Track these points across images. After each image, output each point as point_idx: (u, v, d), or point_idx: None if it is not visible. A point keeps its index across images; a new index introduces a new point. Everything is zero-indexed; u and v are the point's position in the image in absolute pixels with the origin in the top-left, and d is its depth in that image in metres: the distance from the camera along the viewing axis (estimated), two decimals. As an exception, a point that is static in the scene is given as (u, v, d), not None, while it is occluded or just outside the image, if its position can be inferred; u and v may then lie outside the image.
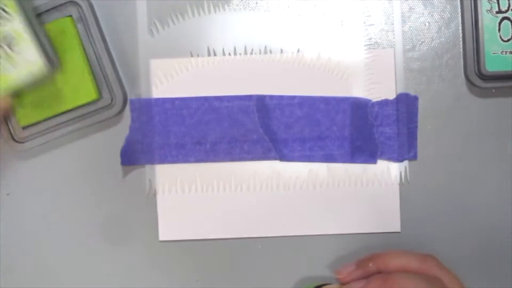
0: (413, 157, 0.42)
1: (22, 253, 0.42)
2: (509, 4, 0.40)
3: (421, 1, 0.42)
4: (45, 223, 0.42)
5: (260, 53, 0.42)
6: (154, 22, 0.42)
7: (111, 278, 0.42)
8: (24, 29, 0.37)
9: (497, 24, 0.40)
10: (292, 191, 0.42)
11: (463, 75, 0.42)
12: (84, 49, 0.40)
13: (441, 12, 0.42)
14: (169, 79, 0.42)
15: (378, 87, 0.42)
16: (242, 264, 0.42)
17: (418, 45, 0.42)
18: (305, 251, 0.42)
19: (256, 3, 0.42)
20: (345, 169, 0.42)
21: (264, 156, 0.42)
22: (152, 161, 0.42)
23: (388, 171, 0.42)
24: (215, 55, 0.42)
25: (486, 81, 0.41)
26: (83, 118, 0.41)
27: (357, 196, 0.42)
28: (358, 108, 0.41)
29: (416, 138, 0.42)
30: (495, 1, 0.40)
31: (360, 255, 0.42)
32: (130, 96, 0.42)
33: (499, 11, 0.40)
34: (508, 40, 0.40)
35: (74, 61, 0.40)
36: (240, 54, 0.42)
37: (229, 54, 0.42)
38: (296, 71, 0.42)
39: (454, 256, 0.42)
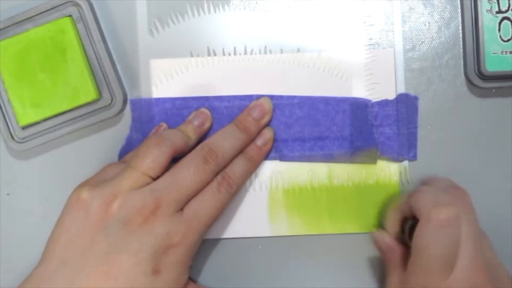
0: (413, 157, 0.42)
1: (22, 253, 0.42)
2: (509, 4, 0.40)
3: (421, 1, 0.42)
4: (45, 223, 0.42)
5: (260, 53, 0.42)
6: (154, 22, 0.42)
7: None
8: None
9: (497, 24, 0.40)
10: (292, 191, 0.42)
11: (463, 75, 0.42)
12: (84, 49, 0.40)
13: (441, 12, 0.42)
14: (169, 79, 0.42)
15: (378, 87, 0.42)
16: (242, 264, 0.42)
17: (418, 45, 0.42)
18: (305, 251, 0.42)
19: (256, 3, 0.42)
20: (345, 169, 0.42)
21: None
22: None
23: (388, 171, 0.42)
24: (215, 55, 0.42)
25: (486, 81, 0.41)
26: (83, 118, 0.41)
27: (357, 196, 0.42)
28: (358, 108, 0.41)
29: (416, 138, 0.42)
30: (495, 1, 0.40)
31: (361, 255, 0.42)
32: (130, 96, 0.42)
33: (499, 11, 0.40)
34: (508, 40, 0.40)
35: (74, 61, 0.40)
36: (240, 54, 0.42)
37: (229, 54, 0.42)
38: (296, 71, 0.42)
39: (454, 256, 0.42)
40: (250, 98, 0.41)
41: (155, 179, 0.36)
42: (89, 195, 0.35)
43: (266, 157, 0.42)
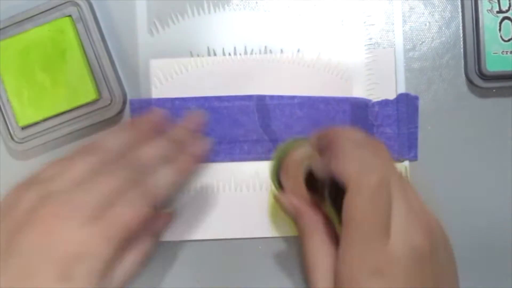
0: (414, 158, 0.42)
1: (21, 253, 0.42)
2: (509, 4, 0.40)
3: (422, 1, 0.42)
4: (45, 223, 0.42)
5: (260, 53, 0.42)
6: (154, 22, 0.42)
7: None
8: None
9: (498, 24, 0.40)
10: (292, 191, 0.42)
11: (463, 75, 0.42)
12: (83, 49, 0.40)
13: (442, 12, 0.42)
14: (169, 79, 0.42)
15: (378, 87, 0.42)
16: (242, 264, 0.42)
17: (418, 45, 0.42)
18: (305, 252, 0.42)
19: (256, 3, 0.42)
20: (345, 169, 0.42)
21: (264, 156, 0.42)
22: (152, 161, 0.41)
23: (389, 171, 0.42)
24: (215, 55, 0.42)
25: (486, 81, 0.41)
26: (82, 118, 0.41)
27: (357, 196, 0.42)
28: (358, 108, 0.41)
29: (416, 139, 0.42)
30: (496, 1, 0.40)
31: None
32: (130, 96, 0.42)
33: (500, 11, 0.40)
34: (509, 40, 0.40)
35: (74, 61, 0.40)
36: (240, 54, 0.42)
37: (229, 54, 0.42)
38: (296, 71, 0.42)
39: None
40: (250, 98, 0.41)
41: None
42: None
43: (266, 157, 0.42)
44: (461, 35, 0.42)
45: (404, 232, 0.31)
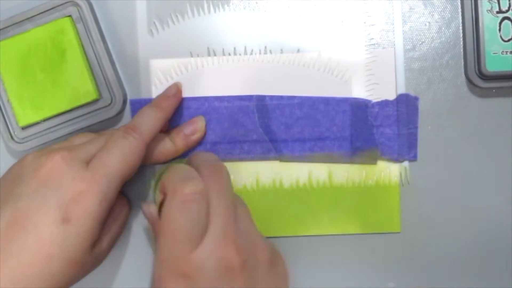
0: (413, 158, 0.42)
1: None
2: (509, 4, 0.40)
3: (422, 1, 0.42)
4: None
5: (260, 53, 0.42)
6: (154, 22, 0.42)
7: (111, 278, 0.42)
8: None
9: (498, 24, 0.40)
10: (292, 191, 0.42)
11: (463, 75, 0.42)
12: (83, 49, 0.40)
13: (442, 12, 0.42)
14: (169, 79, 0.42)
15: (378, 88, 0.42)
16: (242, 264, 0.42)
17: (418, 45, 0.42)
18: (305, 251, 0.42)
19: (256, 3, 0.42)
20: (345, 169, 0.42)
21: (264, 156, 0.42)
22: (152, 161, 0.42)
23: (388, 172, 0.42)
24: (215, 55, 0.42)
25: (486, 81, 0.41)
26: (83, 118, 0.41)
27: (357, 196, 0.42)
28: (358, 109, 0.41)
29: (416, 139, 0.42)
30: (496, 1, 0.40)
31: (361, 255, 0.42)
32: (130, 96, 0.42)
33: (500, 11, 0.40)
34: (509, 40, 0.40)
35: (74, 61, 0.40)
36: (240, 54, 0.42)
37: (229, 54, 0.42)
38: (296, 71, 0.42)
39: (454, 256, 0.42)
40: (250, 98, 0.41)
41: None
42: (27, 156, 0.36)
43: (266, 157, 0.42)
44: (461, 35, 0.42)
45: (214, 243, 0.33)
